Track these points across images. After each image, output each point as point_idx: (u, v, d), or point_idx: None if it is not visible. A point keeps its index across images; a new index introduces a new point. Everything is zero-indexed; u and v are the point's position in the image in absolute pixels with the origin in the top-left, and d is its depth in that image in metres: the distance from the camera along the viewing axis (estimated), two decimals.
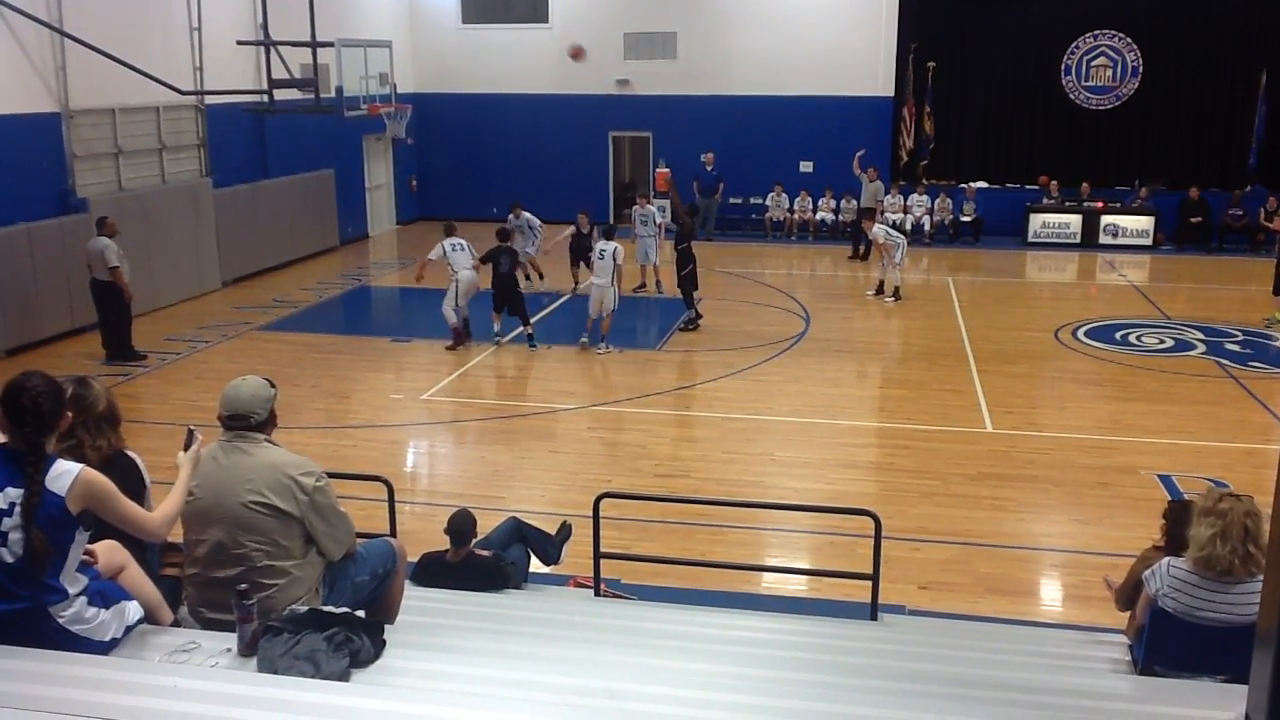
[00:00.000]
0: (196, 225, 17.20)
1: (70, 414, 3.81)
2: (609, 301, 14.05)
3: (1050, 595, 8.06)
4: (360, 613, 4.39)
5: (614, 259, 14.02)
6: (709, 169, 23.02)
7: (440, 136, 24.79)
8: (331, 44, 17.92)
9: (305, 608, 4.04)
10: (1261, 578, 3.96)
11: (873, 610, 6.15)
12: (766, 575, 8.00)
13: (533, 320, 14.56)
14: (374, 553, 4.70)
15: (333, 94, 18.42)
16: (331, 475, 4.86)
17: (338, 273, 19.72)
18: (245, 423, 4.35)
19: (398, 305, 18.59)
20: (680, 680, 4.04)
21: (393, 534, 6.33)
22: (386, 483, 6.60)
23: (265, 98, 17.80)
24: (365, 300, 18.47)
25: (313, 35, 17.60)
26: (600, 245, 14.38)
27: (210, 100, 17.48)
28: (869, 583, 6.20)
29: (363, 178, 23.36)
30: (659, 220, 17.36)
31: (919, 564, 8.05)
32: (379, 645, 3.91)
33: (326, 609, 3.99)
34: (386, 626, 4.34)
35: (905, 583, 7.67)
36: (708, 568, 7.51)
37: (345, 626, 3.86)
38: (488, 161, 24.79)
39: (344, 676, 3.69)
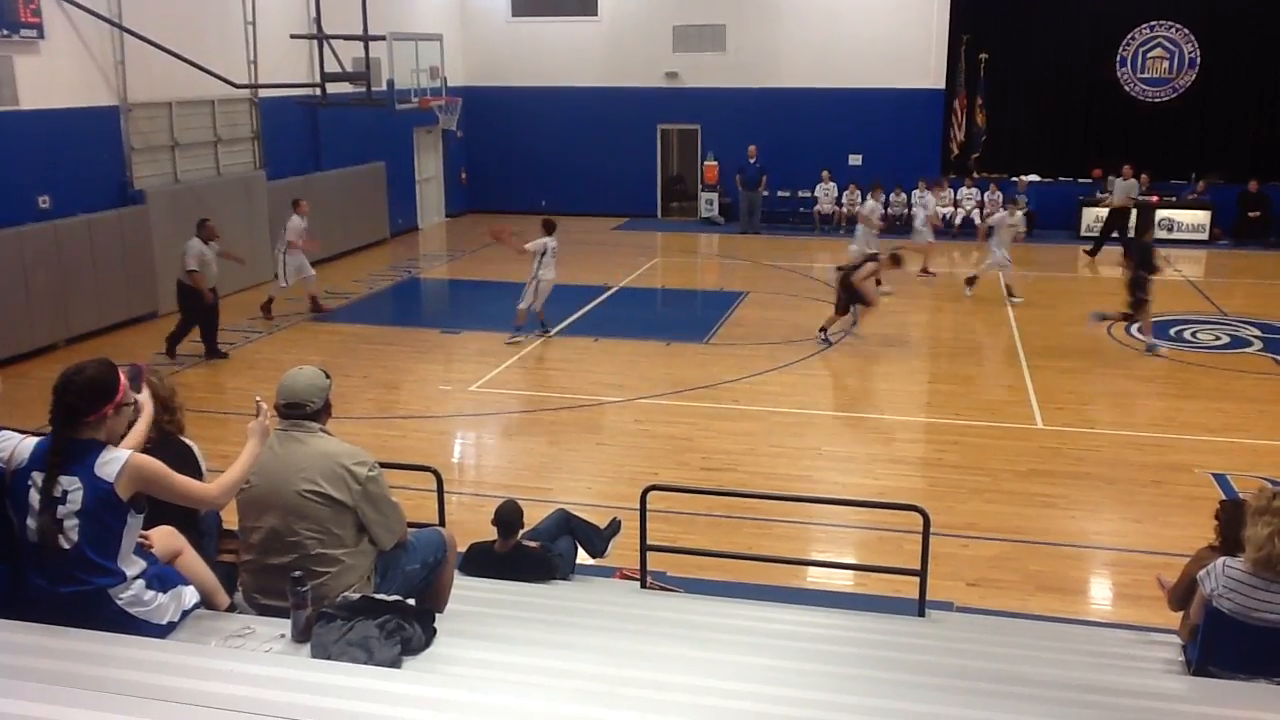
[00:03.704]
0: (251, 217, 17.43)
1: (111, 408, 3.86)
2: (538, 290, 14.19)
3: (1101, 594, 7.96)
4: (411, 601, 4.44)
5: (546, 253, 14.10)
6: (752, 161, 22.93)
7: (490, 130, 24.92)
8: (383, 38, 18.08)
9: (358, 595, 4.09)
10: None
11: (920, 606, 6.12)
12: (813, 570, 7.98)
13: (580, 312, 14.63)
14: (425, 542, 4.75)
15: (384, 87, 18.58)
16: (382, 465, 4.93)
17: (388, 264, 19.91)
18: (301, 411, 4.42)
19: (447, 297, 18.75)
20: (726, 673, 4.05)
21: (442, 524, 6.40)
22: (436, 473, 6.67)
23: (318, 91, 17.99)
24: (415, 292, 18.63)
25: (365, 29, 17.75)
26: (545, 240, 14.29)
27: (264, 94, 17.71)
28: (916, 579, 6.16)
29: (413, 170, 23.55)
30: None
31: (968, 560, 7.99)
32: (430, 633, 3.96)
33: (379, 596, 4.05)
34: (437, 615, 4.40)
35: (954, 579, 7.62)
36: (754, 561, 7.49)
37: (397, 614, 3.91)
38: (536, 155, 24.89)
39: (396, 663, 3.75)
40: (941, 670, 4.33)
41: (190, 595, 4.12)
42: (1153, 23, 22.31)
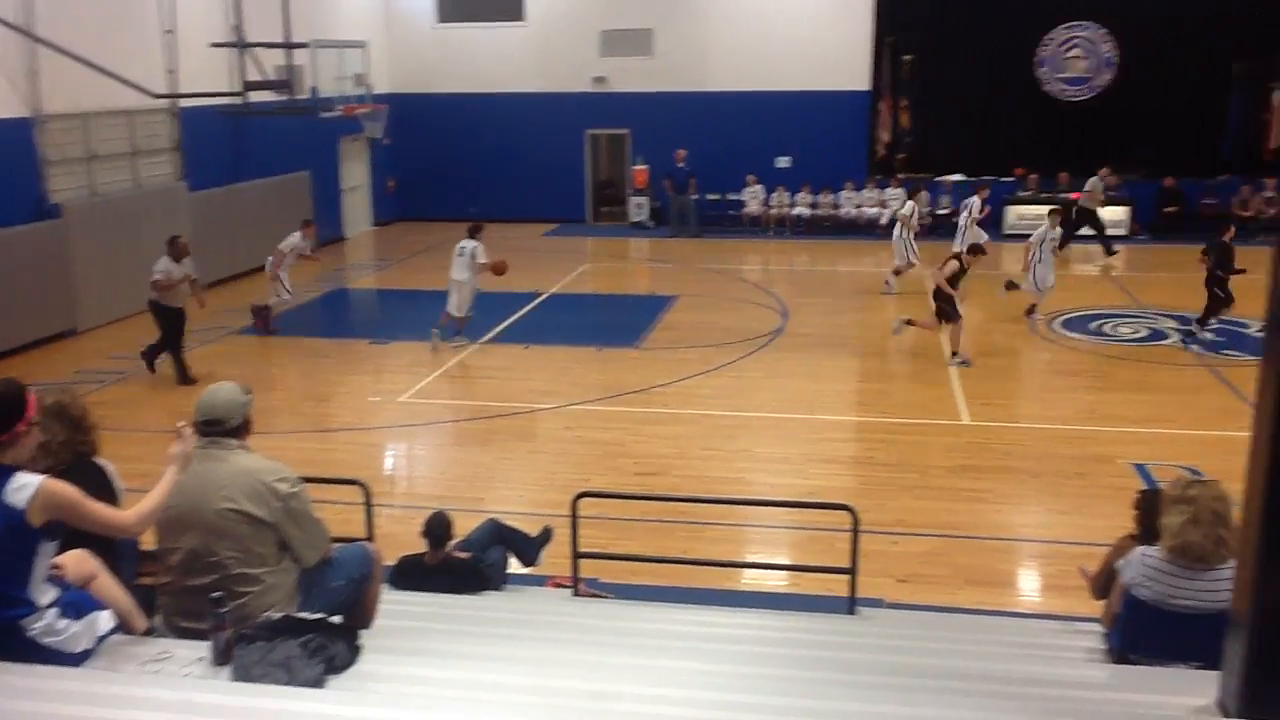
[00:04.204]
0: (172, 228, 16.97)
1: (22, 425, 3.74)
2: (466, 298, 14.22)
3: (1029, 585, 8.11)
4: (337, 618, 4.37)
5: (472, 256, 14.12)
6: (680, 165, 23.02)
7: (417, 137, 24.71)
8: (306, 45, 17.81)
9: (280, 614, 4.02)
10: (1233, 563, 3.99)
11: (851, 604, 6.17)
12: (746, 571, 8.01)
13: (511, 319, 14.59)
14: (349, 558, 4.68)
15: (308, 95, 18.31)
16: (308, 479, 4.84)
17: (315, 275, 19.61)
18: (220, 428, 4.34)
19: (376, 307, 18.55)
20: (659, 679, 4.04)
21: (370, 538, 6.30)
22: (364, 486, 6.59)
23: (240, 100, 17.68)
24: (343, 302, 18.40)
25: (287, 36, 17.48)
26: (461, 243, 14.39)
27: (184, 103, 17.36)
28: (847, 577, 6.21)
29: (339, 179, 23.25)
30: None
31: (898, 557, 8.08)
32: (354, 650, 3.89)
33: (300, 615, 3.97)
34: (364, 631, 4.34)
35: (885, 576, 7.70)
36: (687, 565, 7.50)
37: (320, 632, 3.84)
38: (465, 161, 24.72)
39: (319, 683, 3.68)
40: (871, 668, 4.36)
41: (106, 621, 4.01)
42: (1071, 23, 22.78)
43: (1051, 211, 16.23)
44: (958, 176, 23.11)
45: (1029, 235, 20.72)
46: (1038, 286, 15.18)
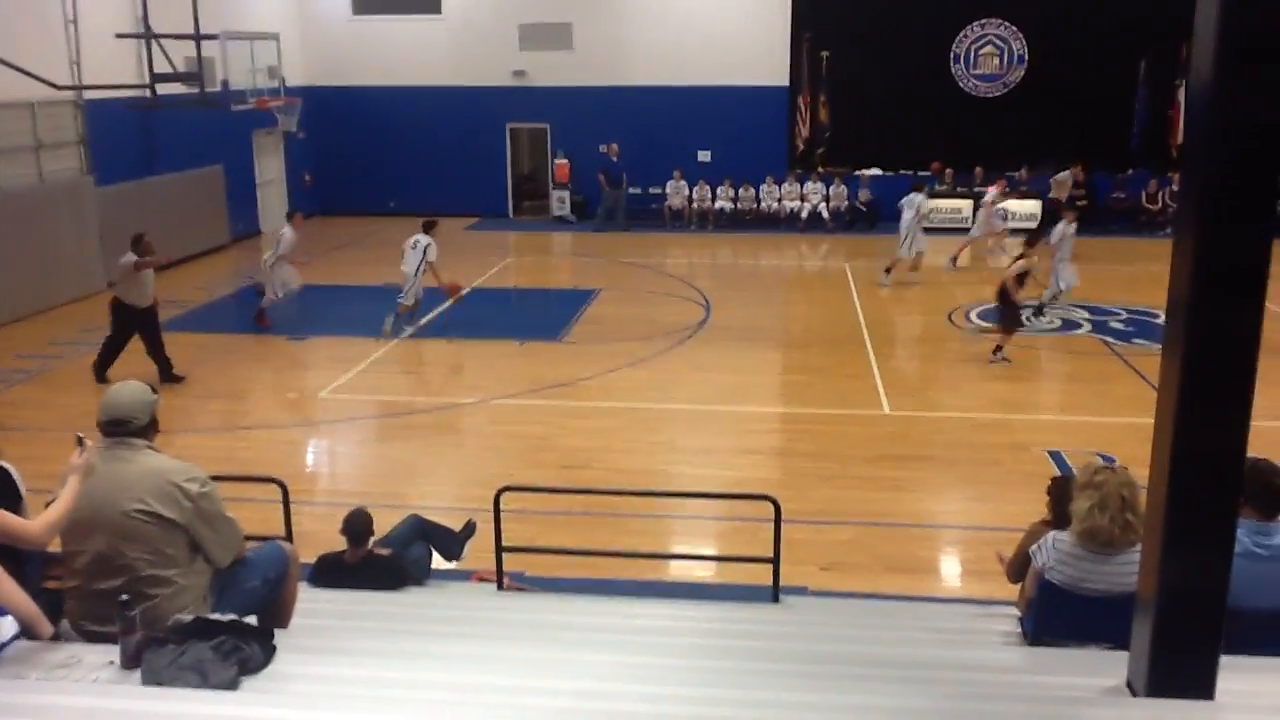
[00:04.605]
0: (78, 225, 16.60)
1: None
2: (416, 290, 14.43)
3: (948, 571, 8.25)
4: (252, 619, 4.28)
5: (422, 253, 14.25)
6: (614, 160, 22.99)
7: (335, 130, 24.33)
8: (216, 36, 17.44)
9: (192, 616, 3.92)
10: (1140, 547, 4.09)
11: (774, 593, 6.22)
12: (672, 563, 8.04)
13: (432, 314, 14.47)
14: (264, 557, 4.59)
15: (218, 88, 17.93)
16: (224, 478, 4.73)
17: (229, 270, 19.22)
18: (125, 428, 4.22)
19: (293, 302, 18.16)
20: (582, 672, 4.02)
21: (288, 536, 6.20)
22: (281, 484, 6.47)
23: (147, 92, 17.23)
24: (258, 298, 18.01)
25: (196, 27, 17.08)
26: (415, 237, 14.50)
27: (90, 95, 16.85)
28: (771, 566, 6.26)
29: (253, 173, 22.78)
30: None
31: (821, 546, 8.16)
32: (269, 651, 3.81)
33: (213, 617, 3.88)
34: (281, 632, 4.25)
35: (808, 564, 7.77)
36: (611, 557, 7.49)
37: (233, 634, 3.76)
38: (384, 155, 24.41)
39: (233, 685, 3.59)
40: (794, 656, 4.40)
41: (8, 627, 3.88)
42: (983, 21, 23.22)
43: (1067, 210, 16.12)
44: (875, 171, 23.44)
45: (951, 229, 21.24)
46: (1061, 286, 15.12)
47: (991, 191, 19.14)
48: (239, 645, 3.71)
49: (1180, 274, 3.56)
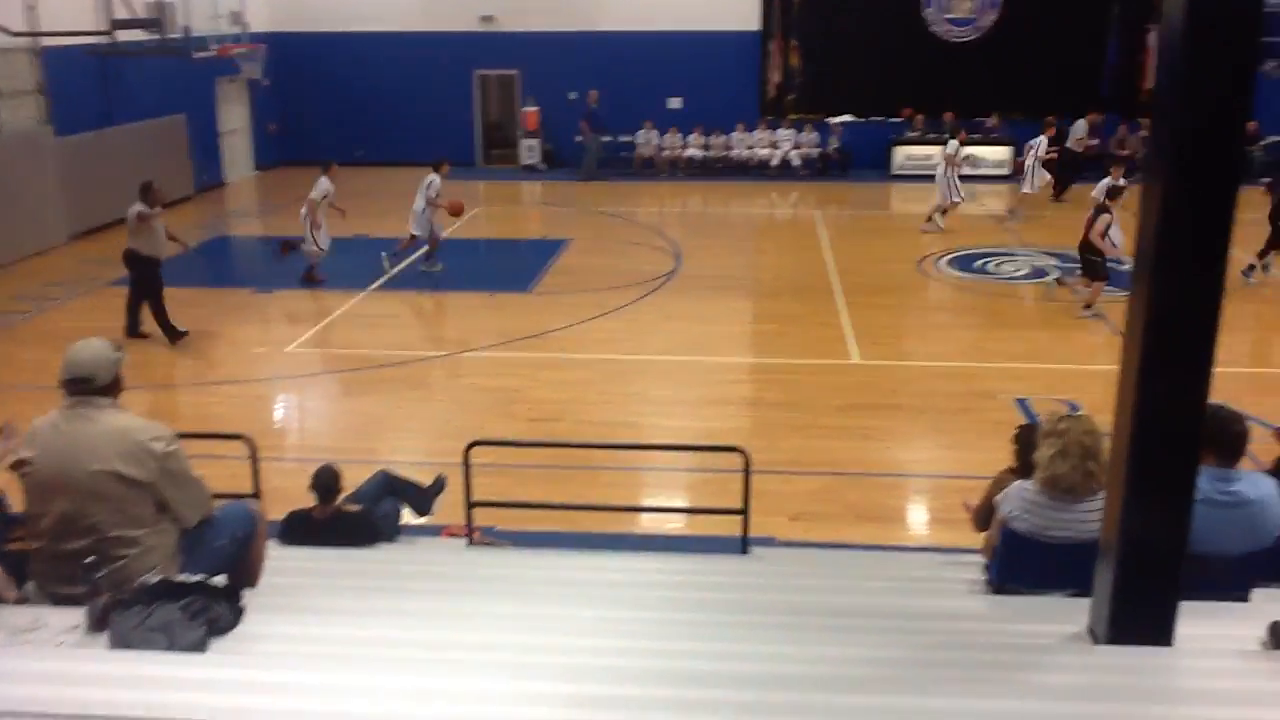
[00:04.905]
0: (37, 176, 16.30)
1: None
2: (421, 224, 14.92)
3: (916, 520, 8.34)
4: (220, 579, 4.27)
5: (427, 188, 14.77)
6: (594, 107, 22.75)
7: (299, 78, 23.93)
8: None
9: (159, 577, 3.90)
10: (1103, 494, 4.14)
11: (744, 544, 6.26)
12: (644, 515, 8.08)
13: (401, 266, 14.40)
14: (232, 516, 4.56)
15: (180, 35, 17.56)
16: (191, 435, 4.68)
17: (193, 222, 18.94)
18: (88, 386, 4.16)
19: (259, 255, 17.99)
20: (553, 627, 4.04)
21: (256, 493, 6.19)
22: (249, 440, 6.42)
23: (107, 39, 16.86)
24: (224, 250, 17.83)
25: None
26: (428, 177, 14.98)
27: (46, 42, 16.47)
28: (740, 518, 6.29)
29: (216, 122, 22.41)
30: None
31: (790, 496, 8.22)
32: (237, 611, 3.80)
33: (180, 578, 3.86)
34: (249, 591, 4.24)
35: (778, 515, 7.82)
36: (581, 510, 7.51)
37: (201, 594, 3.74)
38: (351, 103, 24.07)
39: (201, 646, 3.59)
40: (761, 608, 4.44)
41: None
42: None
43: (1114, 164, 15.07)
44: (848, 117, 23.35)
45: (928, 175, 21.12)
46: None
47: (1041, 140, 18.35)
48: (207, 606, 3.71)
49: (1147, 223, 3.56)
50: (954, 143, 17.87)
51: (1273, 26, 18.75)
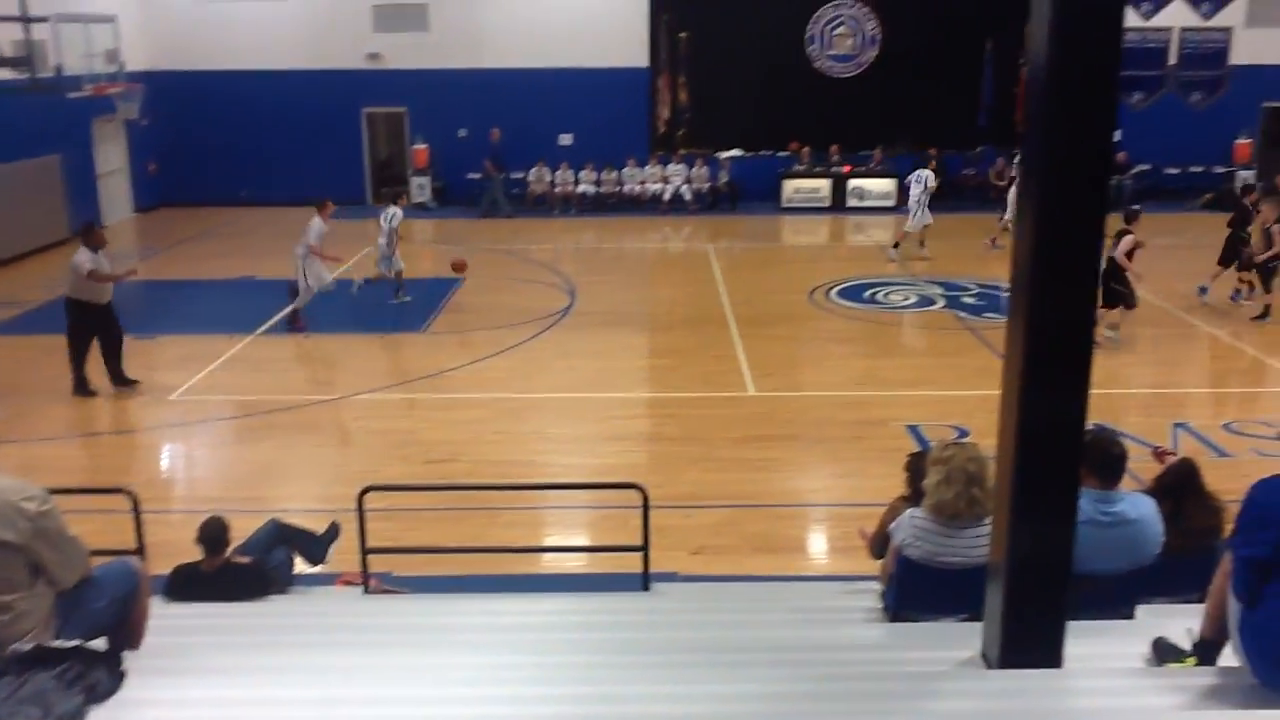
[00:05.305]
0: None
1: None
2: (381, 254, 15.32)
3: (815, 549, 8.43)
4: (100, 641, 4.09)
5: (388, 221, 15.13)
6: (496, 144, 22.68)
7: (182, 117, 23.36)
8: (47, 19, 16.52)
9: (33, 644, 3.71)
10: (989, 520, 4.24)
11: (644, 580, 6.24)
12: (544, 555, 8.00)
13: (289, 308, 14.10)
14: (112, 574, 4.38)
15: (52, 73, 17.00)
16: (67, 490, 4.48)
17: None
18: None
19: (141, 299, 17.38)
20: (448, 678, 3.97)
21: (140, 548, 5.96)
22: (131, 494, 6.19)
23: None
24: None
25: (25, 9, 16.16)
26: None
27: None
28: (641, 554, 6.27)
29: (93, 163, 21.72)
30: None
31: (691, 530, 8.23)
32: (117, 676, 3.64)
33: (54, 644, 3.68)
34: (132, 654, 4.07)
35: (679, 549, 7.82)
36: (481, 553, 7.42)
37: (78, 660, 3.57)
38: (234, 142, 23.56)
39: (78, 716, 3.42)
40: (659, 646, 4.42)
41: None
42: (837, 2, 23.65)
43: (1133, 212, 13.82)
44: (737, 152, 23.71)
45: (818, 207, 21.59)
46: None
47: (926, 174, 18.51)
48: (84, 672, 3.54)
49: (1021, 249, 3.68)
50: (927, 172, 18.29)
51: (1139, 61, 19.89)
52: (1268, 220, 14.16)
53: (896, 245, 18.20)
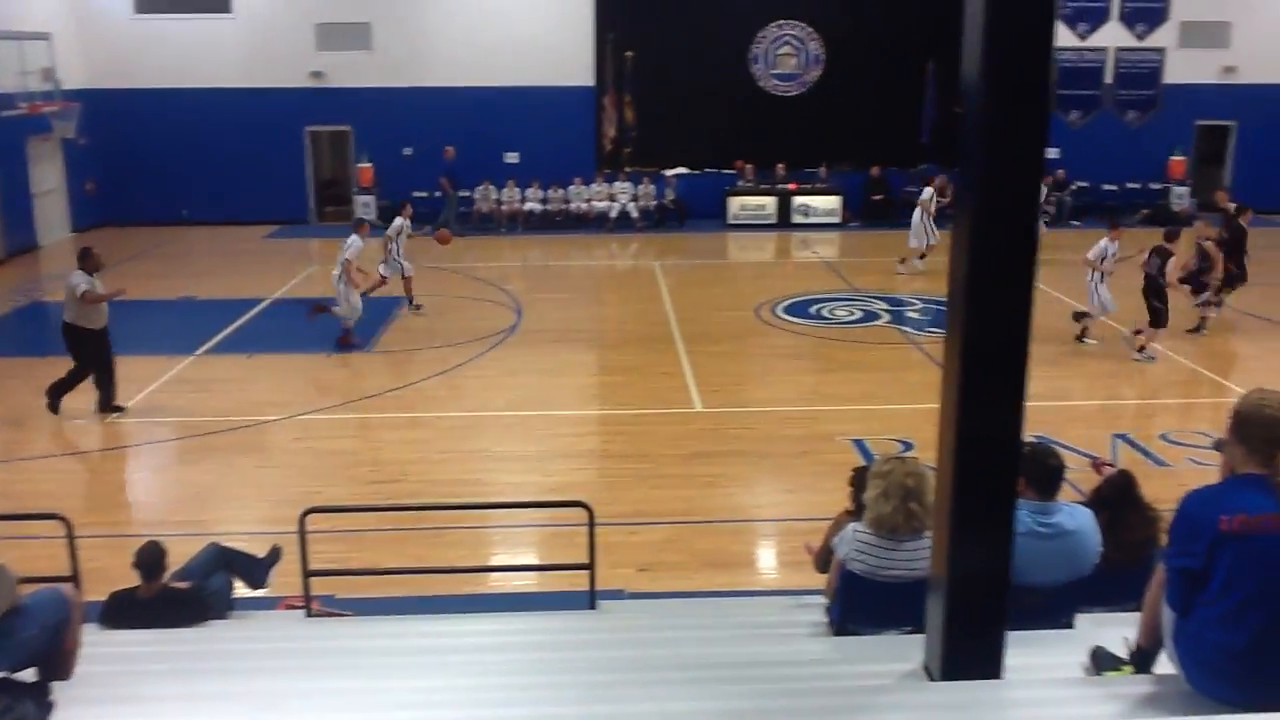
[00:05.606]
0: None
1: None
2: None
3: (762, 564, 8.46)
4: (29, 672, 3.98)
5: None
6: (451, 162, 22.57)
7: (119, 136, 23.00)
8: None
9: None
10: (929, 534, 4.27)
11: (591, 599, 6.21)
12: (492, 574, 7.94)
13: (231, 327, 13.87)
14: (42, 603, 4.27)
15: None
16: (4, 517, 4.36)
17: (5, 288, 17.94)
18: None
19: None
20: (392, 702, 3.92)
21: (74, 575, 5.85)
22: (64, 519, 6.06)
23: None
24: (40, 317, 16.82)
25: None
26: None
27: None
28: (587, 572, 6.25)
29: (29, 182, 21.31)
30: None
31: (638, 547, 8.21)
32: (45, 708, 3.55)
33: None
34: (62, 684, 3.97)
35: (626, 566, 7.81)
36: (425, 574, 7.34)
37: (4, 693, 3.48)
38: (174, 161, 23.26)
39: None
40: (606, 665, 4.40)
41: None
42: (780, 22, 23.91)
43: (1114, 226, 14.12)
44: (682, 170, 23.82)
45: (763, 224, 21.73)
46: (1105, 307, 13.73)
47: (928, 192, 18.71)
48: (11, 705, 3.45)
49: (958, 264, 3.73)
50: (930, 190, 18.49)
51: (1076, 80, 20.29)
52: (1205, 234, 14.48)
53: (903, 261, 18.46)
